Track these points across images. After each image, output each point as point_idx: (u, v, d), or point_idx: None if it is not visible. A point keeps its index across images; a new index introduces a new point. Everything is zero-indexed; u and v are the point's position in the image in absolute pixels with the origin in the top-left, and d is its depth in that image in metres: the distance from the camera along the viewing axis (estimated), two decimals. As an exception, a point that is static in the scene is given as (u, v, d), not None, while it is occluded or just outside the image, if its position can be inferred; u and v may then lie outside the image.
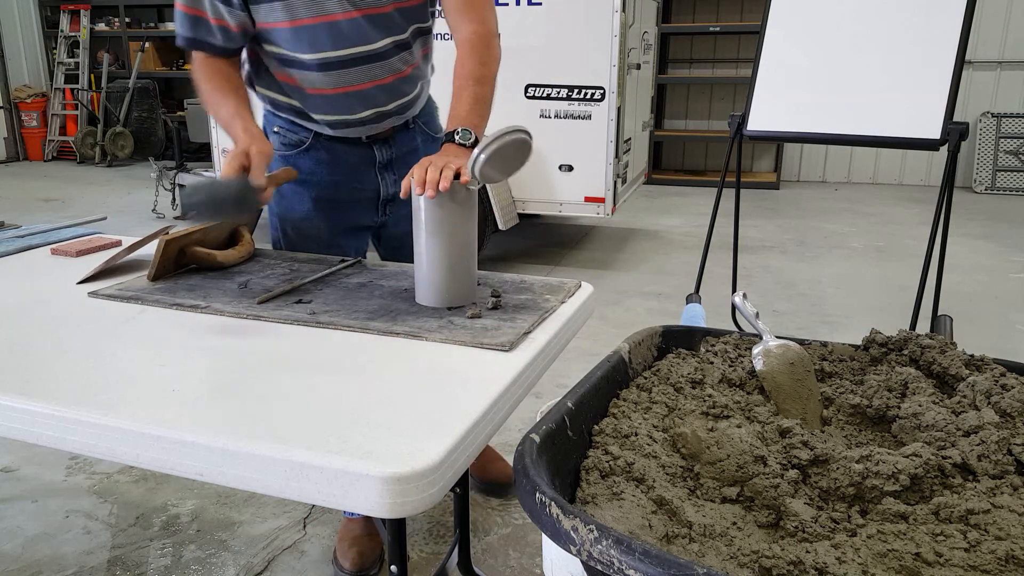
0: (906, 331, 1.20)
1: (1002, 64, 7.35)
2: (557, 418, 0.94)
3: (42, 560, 1.95)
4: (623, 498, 0.86)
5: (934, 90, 2.45)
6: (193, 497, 2.22)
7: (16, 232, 1.85)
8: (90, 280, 1.47)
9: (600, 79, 4.33)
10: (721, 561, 0.80)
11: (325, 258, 1.62)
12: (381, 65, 1.57)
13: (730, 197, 2.86)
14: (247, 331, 1.22)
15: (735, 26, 7.55)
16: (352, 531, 1.88)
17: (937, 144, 2.43)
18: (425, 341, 1.17)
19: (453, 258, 1.29)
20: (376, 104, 1.62)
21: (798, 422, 1.06)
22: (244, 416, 0.93)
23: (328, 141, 1.66)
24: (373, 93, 1.60)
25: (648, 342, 1.25)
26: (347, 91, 1.57)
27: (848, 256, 4.93)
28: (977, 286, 4.25)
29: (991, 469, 0.90)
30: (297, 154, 1.67)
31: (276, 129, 1.69)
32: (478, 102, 1.47)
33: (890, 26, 2.57)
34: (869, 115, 2.57)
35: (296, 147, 1.67)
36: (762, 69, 2.75)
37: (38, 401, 0.97)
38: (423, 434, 0.89)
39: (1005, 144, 7.25)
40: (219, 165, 5.28)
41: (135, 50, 8.92)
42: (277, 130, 1.68)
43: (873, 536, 0.81)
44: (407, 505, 0.82)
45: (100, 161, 8.96)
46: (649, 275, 4.52)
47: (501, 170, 1.29)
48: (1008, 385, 1.03)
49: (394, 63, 1.59)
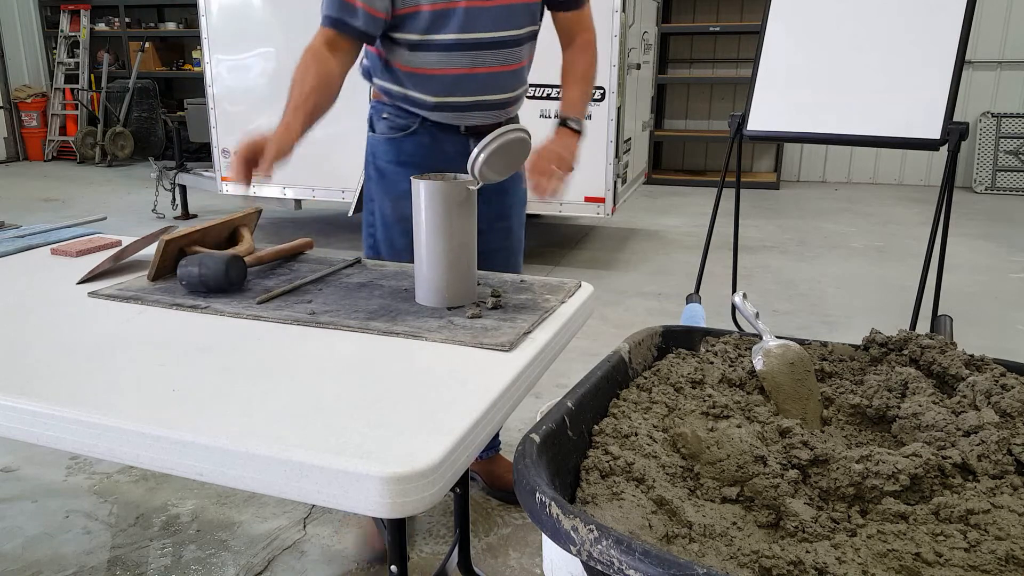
0: (906, 331, 1.20)
1: (1002, 64, 7.35)
2: (557, 418, 0.94)
3: (42, 560, 1.95)
4: (623, 498, 0.86)
5: (934, 90, 2.45)
6: (193, 497, 2.22)
7: (16, 232, 1.85)
8: (90, 280, 1.47)
9: (600, 79, 4.33)
10: (721, 561, 0.80)
11: (325, 258, 1.62)
12: (511, 52, 1.70)
13: (730, 197, 2.86)
14: (247, 331, 1.22)
15: (735, 26, 7.55)
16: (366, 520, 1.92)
17: (937, 144, 2.43)
18: (425, 341, 1.17)
19: (453, 258, 1.29)
20: (488, 91, 1.73)
21: (798, 422, 1.06)
22: (244, 416, 0.93)
23: (431, 127, 1.77)
24: (490, 78, 1.72)
25: (648, 342, 1.25)
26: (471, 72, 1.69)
27: (848, 256, 4.93)
28: (977, 286, 4.25)
29: (991, 469, 0.90)
30: (403, 137, 1.80)
31: (385, 115, 1.81)
32: (586, 96, 1.79)
33: (890, 26, 2.57)
34: (869, 115, 2.57)
35: (403, 131, 1.80)
36: (762, 69, 2.75)
37: (38, 401, 0.97)
38: (423, 434, 0.89)
39: (1005, 144, 7.25)
40: (219, 165, 5.27)
41: (135, 50, 8.92)
42: (386, 116, 1.81)
43: (873, 536, 0.81)
44: (407, 505, 0.82)
45: (100, 161, 8.96)
46: (649, 275, 4.52)
47: (501, 169, 1.30)
48: (1008, 385, 1.03)
49: (519, 52, 1.73)
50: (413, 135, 1.79)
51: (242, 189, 1.50)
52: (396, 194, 1.79)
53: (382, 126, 1.83)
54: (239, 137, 1.47)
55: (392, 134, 1.81)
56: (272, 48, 4.96)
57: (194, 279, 1.36)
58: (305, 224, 5.92)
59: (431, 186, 1.27)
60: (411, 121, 1.78)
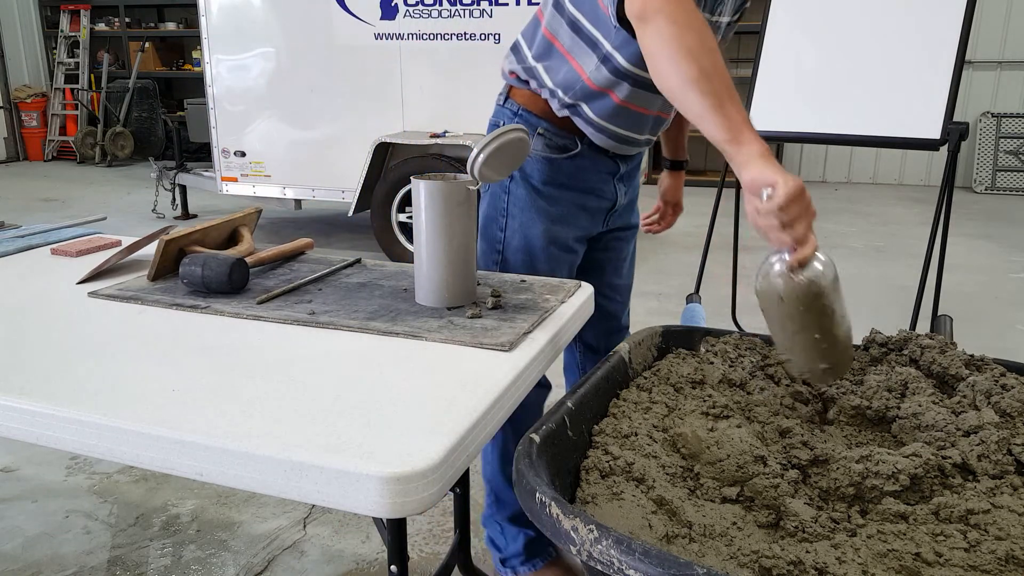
0: (906, 331, 1.20)
1: (1002, 64, 7.35)
2: (557, 418, 0.95)
3: (42, 560, 1.95)
4: (623, 498, 0.86)
5: (934, 90, 2.45)
6: (193, 497, 2.22)
7: (16, 232, 1.85)
8: (90, 280, 1.47)
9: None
10: (721, 561, 0.80)
11: (325, 258, 1.62)
12: None
13: (730, 197, 2.86)
14: (247, 331, 1.22)
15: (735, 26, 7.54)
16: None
17: (937, 144, 2.43)
18: (425, 341, 1.17)
19: (453, 258, 1.29)
20: (660, 128, 1.67)
21: (798, 421, 1.06)
22: (244, 416, 0.93)
23: (591, 150, 1.62)
24: (666, 119, 1.64)
25: (648, 342, 1.25)
26: (660, 115, 1.60)
27: (848, 256, 4.93)
28: (977, 286, 4.25)
29: (991, 469, 0.90)
30: (565, 158, 1.62)
31: (541, 131, 1.61)
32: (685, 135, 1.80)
33: (890, 26, 2.57)
34: (869, 115, 2.57)
35: (563, 151, 1.61)
36: (762, 69, 2.75)
37: (38, 401, 0.97)
38: (423, 434, 0.89)
39: (1005, 144, 7.25)
40: (219, 165, 5.27)
41: (135, 50, 8.92)
42: (542, 132, 1.61)
43: (873, 536, 0.81)
44: (407, 505, 0.82)
45: (100, 161, 8.96)
46: (649, 275, 4.52)
47: (500, 169, 1.30)
48: (1008, 385, 1.03)
49: None
50: (574, 158, 1.62)
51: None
52: (554, 217, 1.65)
53: (538, 143, 1.61)
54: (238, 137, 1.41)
55: (550, 153, 1.62)
56: (272, 48, 4.96)
57: (196, 279, 1.36)
58: (305, 224, 5.92)
59: (431, 186, 1.27)
60: (571, 143, 1.60)
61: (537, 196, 1.62)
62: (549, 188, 1.62)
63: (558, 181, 1.61)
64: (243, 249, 1.58)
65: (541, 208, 1.63)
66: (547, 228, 1.63)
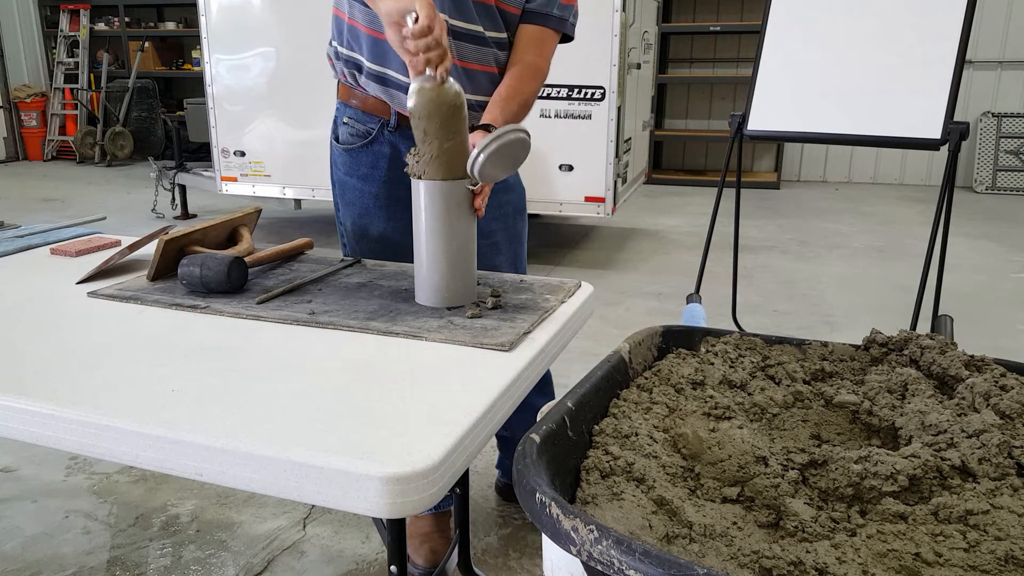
0: (906, 331, 1.20)
1: (1002, 64, 7.35)
2: (557, 418, 0.94)
3: (42, 560, 1.95)
4: (623, 498, 0.86)
5: (934, 90, 2.45)
6: (193, 497, 2.22)
7: (16, 232, 1.85)
8: (90, 280, 1.47)
9: (600, 79, 4.33)
10: (721, 561, 0.80)
11: (325, 258, 1.62)
12: (481, 50, 1.64)
13: (730, 197, 2.86)
14: (247, 331, 1.22)
15: (735, 25, 7.55)
16: (421, 528, 1.87)
17: (937, 144, 2.43)
18: (425, 341, 1.17)
19: (453, 258, 1.29)
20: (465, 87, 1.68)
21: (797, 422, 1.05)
22: (244, 416, 0.93)
23: (393, 134, 1.68)
24: (469, 73, 1.65)
25: (648, 342, 1.25)
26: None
27: (848, 256, 4.93)
28: (977, 286, 4.25)
29: (991, 472, 0.90)
30: (361, 147, 1.71)
31: (346, 120, 1.71)
32: (513, 115, 1.58)
33: (891, 26, 2.57)
34: (869, 115, 2.57)
35: (363, 138, 1.70)
36: (762, 69, 2.75)
37: (38, 401, 0.97)
38: (423, 434, 0.89)
39: (1005, 144, 7.25)
40: (218, 165, 5.27)
41: (135, 50, 8.92)
42: (347, 121, 1.71)
43: (873, 536, 0.81)
44: (407, 505, 0.82)
45: (100, 161, 8.96)
46: (649, 275, 4.52)
47: (500, 169, 1.29)
48: (1007, 386, 1.02)
49: (490, 54, 1.66)
50: (371, 145, 1.68)
51: None
52: (358, 211, 1.72)
53: (343, 132, 1.72)
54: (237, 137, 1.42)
55: (352, 143, 1.70)
56: (272, 48, 4.96)
57: (195, 279, 1.36)
58: (305, 224, 5.92)
59: (430, 186, 1.27)
60: (372, 127, 1.68)
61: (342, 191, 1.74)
62: (351, 180, 1.71)
63: (360, 173, 1.70)
64: (242, 249, 1.58)
65: (349, 202, 1.73)
66: (355, 223, 1.73)
